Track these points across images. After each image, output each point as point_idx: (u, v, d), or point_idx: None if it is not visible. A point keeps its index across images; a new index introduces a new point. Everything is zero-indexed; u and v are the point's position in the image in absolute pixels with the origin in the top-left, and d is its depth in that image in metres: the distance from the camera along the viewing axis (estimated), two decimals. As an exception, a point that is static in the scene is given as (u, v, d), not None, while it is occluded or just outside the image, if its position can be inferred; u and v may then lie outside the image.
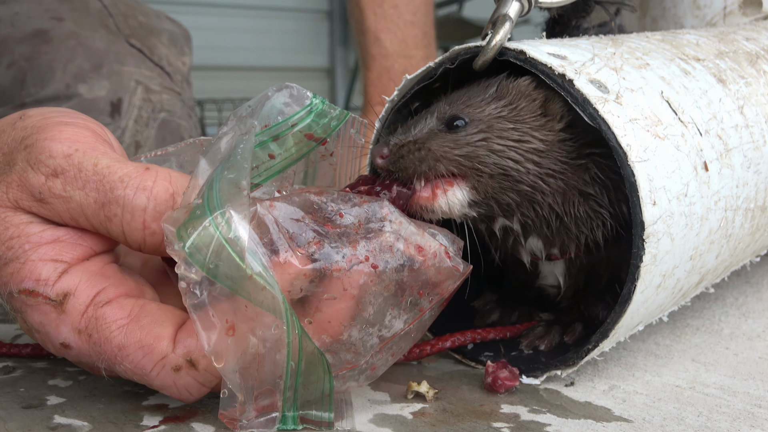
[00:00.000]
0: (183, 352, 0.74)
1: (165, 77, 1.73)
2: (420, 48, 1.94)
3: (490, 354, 0.95)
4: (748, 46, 1.10)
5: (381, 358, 0.78)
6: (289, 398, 0.75)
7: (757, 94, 0.99)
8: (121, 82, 1.63)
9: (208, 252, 0.69)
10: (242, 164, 0.74)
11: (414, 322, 0.78)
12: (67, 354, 0.78)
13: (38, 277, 0.76)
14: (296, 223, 0.74)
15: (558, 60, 0.82)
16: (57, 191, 0.76)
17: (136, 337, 0.74)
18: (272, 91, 0.81)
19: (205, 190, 0.72)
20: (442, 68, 0.88)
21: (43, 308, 0.76)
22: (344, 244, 0.74)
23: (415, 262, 0.76)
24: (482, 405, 0.84)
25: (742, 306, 1.19)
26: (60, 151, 0.77)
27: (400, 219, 0.77)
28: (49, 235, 0.77)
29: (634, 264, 0.79)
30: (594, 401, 0.85)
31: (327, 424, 0.78)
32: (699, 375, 0.92)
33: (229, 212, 0.70)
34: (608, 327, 0.84)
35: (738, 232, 0.94)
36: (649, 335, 1.05)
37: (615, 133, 0.78)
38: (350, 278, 0.73)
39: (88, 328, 0.75)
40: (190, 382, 0.75)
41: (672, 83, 0.89)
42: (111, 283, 0.78)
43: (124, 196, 0.75)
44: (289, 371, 0.72)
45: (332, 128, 0.84)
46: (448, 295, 0.79)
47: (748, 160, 0.93)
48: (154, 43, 1.74)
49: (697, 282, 0.94)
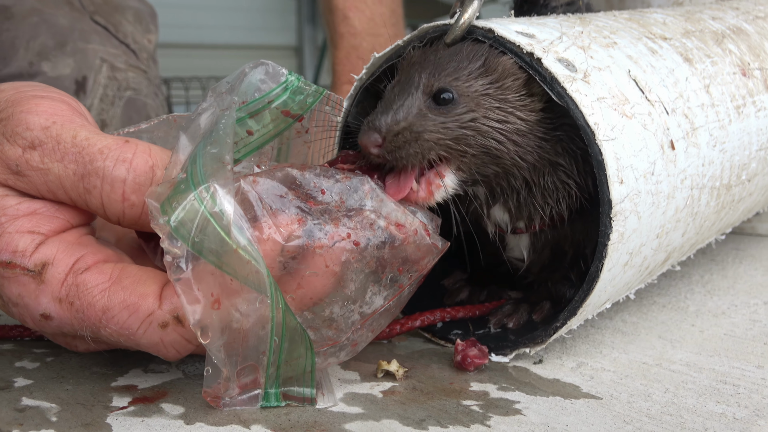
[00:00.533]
0: (170, 308, 0.74)
1: (130, 55, 1.71)
2: (388, 26, 1.94)
3: (459, 332, 0.96)
4: (714, 25, 1.11)
5: (362, 334, 0.79)
6: (272, 375, 0.75)
7: (722, 74, 1.00)
8: (86, 60, 1.61)
9: (193, 226, 0.70)
10: (225, 139, 0.74)
11: (393, 299, 0.79)
12: (48, 325, 0.78)
13: (15, 248, 0.75)
14: (279, 199, 0.74)
15: (526, 38, 0.83)
16: (35, 163, 0.76)
17: (119, 298, 0.74)
18: (249, 68, 0.82)
19: (188, 164, 0.73)
20: (410, 46, 0.88)
21: (22, 279, 0.76)
22: (326, 221, 0.75)
23: (396, 239, 0.77)
24: (452, 383, 0.85)
25: (707, 284, 1.21)
26: (37, 123, 0.77)
27: (381, 196, 0.78)
28: (26, 208, 0.77)
29: (602, 242, 0.80)
30: (562, 378, 0.86)
31: (309, 400, 0.78)
32: (665, 352, 0.93)
33: (214, 186, 0.70)
34: (576, 305, 0.85)
35: (704, 211, 0.95)
36: (617, 313, 1.06)
37: (583, 112, 0.79)
38: (332, 255, 0.74)
39: (69, 296, 0.75)
40: (177, 339, 0.75)
41: (639, 62, 0.89)
42: (89, 251, 0.78)
43: (104, 167, 0.75)
44: (273, 347, 0.73)
45: (308, 105, 0.84)
46: (426, 272, 0.80)
47: (713, 139, 0.94)
48: (119, 20, 1.72)
49: (664, 260, 0.95)
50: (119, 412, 0.77)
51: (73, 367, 0.88)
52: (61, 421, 0.75)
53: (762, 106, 1.05)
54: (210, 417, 0.76)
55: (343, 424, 0.75)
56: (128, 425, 0.75)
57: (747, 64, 1.07)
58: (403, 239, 0.77)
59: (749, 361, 0.90)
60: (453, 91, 0.84)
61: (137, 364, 0.88)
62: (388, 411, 0.78)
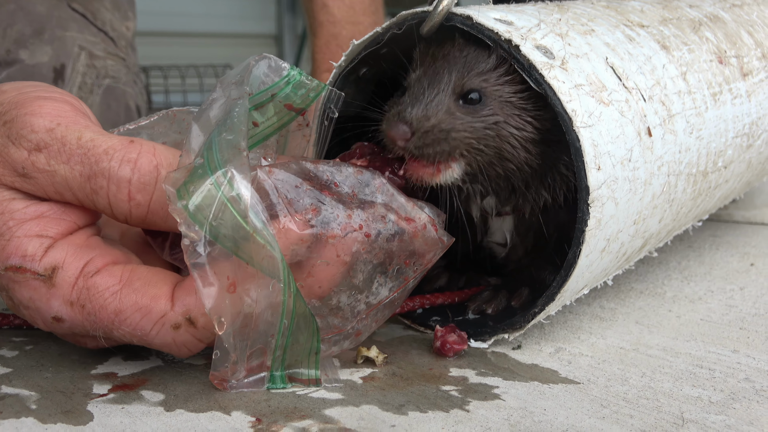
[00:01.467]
0: (182, 310, 0.75)
1: (109, 43, 1.70)
2: (368, 14, 1.94)
3: (438, 319, 0.96)
4: (691, 13, 1.12)
5: (366, 324, 0.82)
6: (278, 357, 0.77)
7: (699, 61, 1.01)
8: (64, 48, 1.60)
9: (210, 211, 0.71)
10: (239, 127, 0.75)
11: (398, 290, 0.81)
12: (59, 327, 0.79)
13: (24, 253, 0.76)
14: (295, 189, 0.76)
15: (504, 26, 0.83)
16: (41, 166, 0.76)
17: (131, 301, 0.75)
18: (254, 61, 0.83)
19: (203, 151, 0.74)
20: (389, 34, 0.88)
21: (32, 284, 0.76)
22: (340, 211, 0.77)
23: (406, 232, 0.79)
24: (431, 369, 0.85)
25: (684, 270, 1.22)
26: (42, 125, 0.77)
27: (392, 191, 0.81)
28: (33, 211, 0.78)
29: (579, 228, 0.81)
30: (541, 363, 0.87)
31: (315, 381, 0.80)
32: (642, 337, 0.94)
33: (231, 171, 0.72)
34: (554, 290, 0.85)
35: (680, 197, 0.96)
36: (595, 299, 1.07)
37: (560, 99, 0.79)
38: (344, 245, 0.76)
39: (80, 299, 0.76)
40: (189, 339, 0.77)
41: (617, 49, 0.90)
42: (97, 254, 0.78)
43: (110, 168, 0.76)
44: (282, 329, 0.74)
45: (310, 99, 0.86)
46: (430, 266, 0.83)
47: (690, 126, 0.94)
48: (97, 7, 1.70)
49: (641, 246, 0.96)
50: (99, 399, 0.77)
51: (52, 356, 0.88)
52: (41, 409, 0.75)
53: (738, 93, 1.06)
54: (190, 404, 0.76)
55: (323, 409, 0.75)
56: (108, 412, 0.75)
57: (724, 52, 1.07)
58: (413, 233, 0.80)
59: (725, 346, 0.91)
60: (481, 93, 0.87)
61: (117, 352, 0.88)
62: (367, 397, 0.78)
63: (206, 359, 0.87)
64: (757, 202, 1.53)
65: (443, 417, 0.74)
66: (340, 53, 0.93)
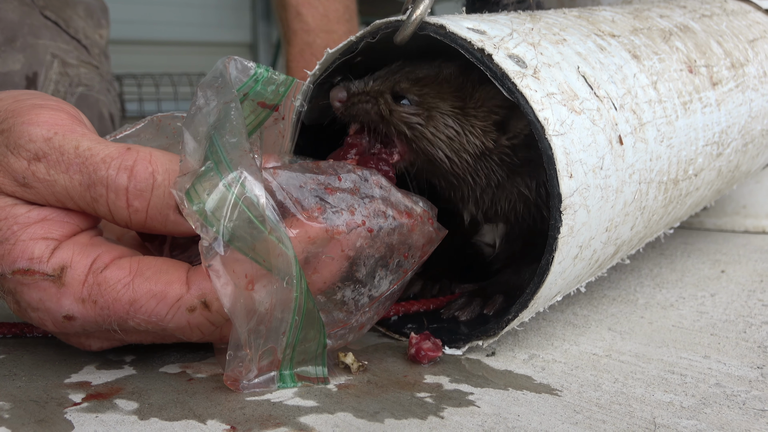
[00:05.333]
0: (198, 293, 0.77)
1: (82, 50, 1.69)
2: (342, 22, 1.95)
3: (413, 326, 0.97)
4: (661, 23, 1.13)
5: (369, 317, 0.85)
6: (287, 356, 0.79)
7: (669, 70, 1.03)
8: (37, 56, 1.59)
9: (224, 213, 0.73)
10: (239, 129, 0.78)
11: (398, 283, 0.84)
12: (70, 326, 0.80)
13: (31, 255, 0.77)
14: (299, 189, 0.79)
15: (477, 35, 0.84)
16: (41, 175, 0.78)
17: (145, 289, 0.77)
18: (222, 64, 0.85)
19: (210, 154, 0.76)
20: (363, 42, 0.88)
21: (42, 285, 0.77)
22: (343, 209, 0.79)
23: (404, 226, 0.83)
24: (406, 376, 0.86)
25: (656, 277, 1.23)
26: (39, 134, 0.78)
27: (389, 186, 0.84)
28: (36, 215, 0.79)
29: (552, 235, 0.82)
30: (514, 370, 0.88)
31: (323, 379, 0.83)
32: (615, 343, 0.95)
33: (243, 173, 0.74)
34: (527, 297, 0.86)
35: (652, 205, 0.97)
36: (568, 306, 1.08)
37: (532, 107, 0.80)
38: (349, 241, 0.79)
39: (92, 295, 0.77)
40: (203, 322, 0.79)
41: (588, 59, 0.91)
42: (104, 250, 0.80)
43: (107, 176, 0.77)
44: (293, 326, 0.77)
45: (281, 94, 0.89)
46: (426, 258, 0.86)
47: (661, 135, 0.96)
48: (69, 15, 1.70)
49: (613, 253, 0.97)
50: (73, 408, 0.77)
51: (25, 365, 0.87)
52: (14, 418, 0.75)
53: (708, 102, 1.07)
54: (164, 412, 0.76)
55: (297, 417, 0.76)
56: (82, 421, 0.74)
57: (693, 62, 1.09)
58: (410, 226, 0.83)
59: (696, 352, 0.92)
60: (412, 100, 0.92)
61: (91, 360, 0.88)
62: (342, 404, 0.79)
63: (181, 367, 0.87)
64: (728, 209, 1.55)
65: (418, 424, 0.74)
66: (314, 61, 0.94)
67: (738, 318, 1.04)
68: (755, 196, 1.54)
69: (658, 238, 1.20)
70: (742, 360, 0.90)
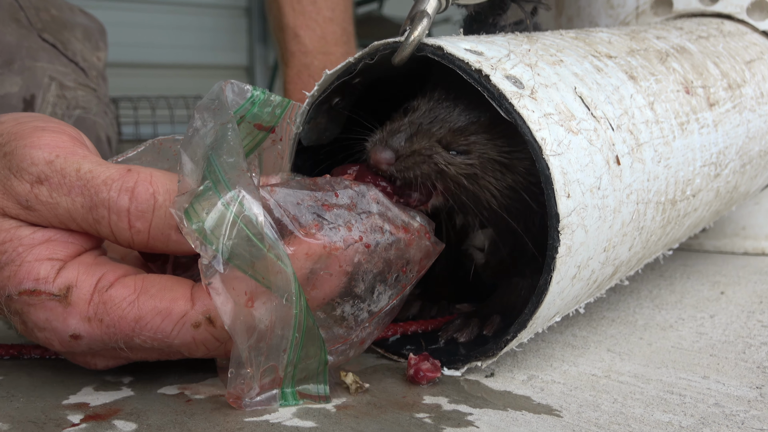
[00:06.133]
0: (202, 309, 0.79)
1: (80, 73, 1.71)
2: (339, 45, 1.96)
3: (412, 347, 0.97)
4: (658, 44, 1.15)
5: (369, 332, 0.86)
6: (289, 374, 0.80)
7: (666, 91, 1.04)
8: (34, 79, 1.61)
9: (223, 231, 0.74)
10: (237, 149, 0.79)
11: (397, 297, 0.85)
12: (77, 345, 0.81)
13: (37, 276, 0.79)
14: (296, 206, 0.80)
15: (475, 56, 0.85)
16: (44, 198, 0.79)
17: (150, 306, 0.79)
18: (219, 87, 0.86)
19: (207, 174, 0.77)
20: (361, 63, 0.90)
21: (48, 305, 0.79)
22: (340, 225, 0.81)
23: (402, 241, 0.84)
24: (405, 397, 0.86)
25: (655, 298, 1.24)
26: (41, 157, 0.80)
27: (385, 201, 0.85)
28: (41, 236, 0.80)
29: (550, 255, 0.82)
30: (513, 390, 0.88)
31: (324, 398, 0.84)
32: (614, 364, 0.96)
33: (242, 192, 0.75)
34: (526, 318, 0.87)
35: (650, 225, 0.98)
36: (567, 327, 1.09)
37: (530, 128, 0.81)
38: (346, 257, 0.80)
39: (98, 313, 0.79)
40: (208, 338, 0.80)
41: (585, 79, 0.93)
42: (108, 269, 0.81)
43: (109, 198, 0.79)
44: (293, 344, 0.78)
45: (278, 115, 0.91)
46: (424, 272, 0.87)
47: (658, 155, 0.97)
48: (67, 37, 1.72)
49: (611, 273, 0.98)
50: (71, 429, 0.77)
51: (23, 386, 0.88)
52: (11, 440, 0.75)
53: (705, 123, 1.09)
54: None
55: (296, 437, 0.76)
56: (80, 442, 0.75)
57: (690, 82, 1.10)
58: (408, 241, 0.84)
59: (695, 372, 0.93)
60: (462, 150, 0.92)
61: (89, 382, 0.88)
62: (341, 425, 0.79)
63: (180, 388, 0.87)
64: (727, 231, 1.56)
65: (416, 444, 0.75)
66: (312, 83, 0.95)
67: (737, 339, 1.05)
68: (754, 217, 1.55)
69: (657, 259, 1.21)
70: (742, 380, 0.91)
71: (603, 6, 1.52)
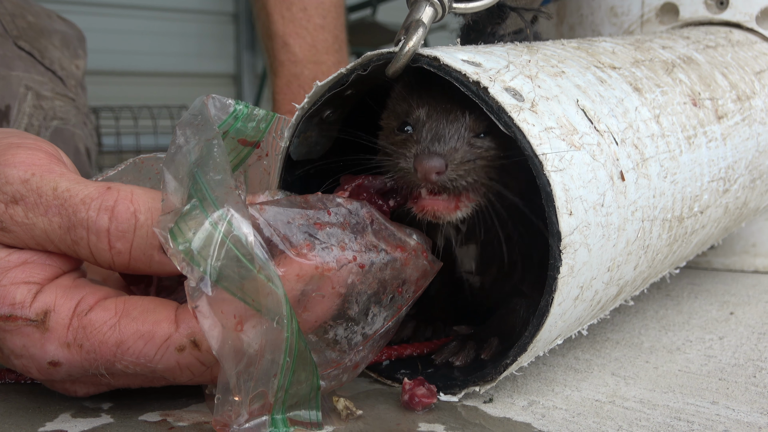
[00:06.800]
0: (187, 332, 0.78)
1: (57, 82, 1.70)
2: (331, 53, 1.96)
3: (406, 371, 0.97)
4: (664, 54, 1.15)
5: (363, 356, 0.86)
6: (279, 399, 0.79)
7: (672, 103, 1.04)
8: (9, 88, 1.60)
9: (211, 252, 0.74)
10: (224, 166, 0.79)
11: (393, 319, 0.86)
12: (56, 372, 0.80)
13: (13, 301, 0.78)
14: (287, 225, 0.80)
15: (472, 67, 0.85)
16: (19, 219, 0.79)
17: (132, 329, 0.78)
18: (201, 101, 0.87)
19: (193, 192, 0.77)
20: (354, 75, 0.90)
21: (25, 330, 0.78)
22: (333, 244, 0.80)
23: (397, 260, 0.84)
24: (399, 424, 0.86)
25: (662, 319, 1.24)
26: (16, 176, 0.79)
27: (381, 219, 0.85)
28: (16, 259, 0.80)
29: (551, 275, 0.82)
30: (513, 417, 0.88)
31: (317, 424, 0.83)
32: (619, 389, 0.96)
33: (230, 211, 0.75)
34: (526, 341, 0.87)
35: (656, 243, 0.99)
36: (569, 350, 1.09)
37: (530, 143, 0.81)
38: (339, 278, 0.80)
39: (77, 339, 0.78)
40: (193, 362, 0.79)
41: (588, 91, 0.93)
42: (88, 292, 0.81)
43: (88, 218, 0.78)
44: (284, 368, 0.77)
45: (262, 130, 0.91)
46: (421, 292, 0.87)
47: (664, 170, 0.97)
48: (45, 45, 1.71)
49: (616, 294, 0.98)
50: (47, 459, 0.77)
51: (-4, 413, 0.87)
52: (-16, 470, 0.75)
53: (713, 136, 1.09)
54: (144, 463, 0.77)
55: (285, 467, 0.76)
56: (57, 473, 0.75)
57: (698, 94, 1.11)
58: (404, 260, 0.84)
59: (704, 397, 0.93)
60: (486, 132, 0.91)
61: (66, 408, 0.88)
62: (332, 454, 0.79)
63: (162, 415, 0.87)
64: (737, 248, 1.56)
65: (411, 474, 0.75)
66: (301, 93, 0.95)
67: (747, 362, 1.05)
68: (765, 234, 1.55)
69: (664, 278, 1.21)
70: (752, 406, 0.91)
71: (606, 14, 1.52)
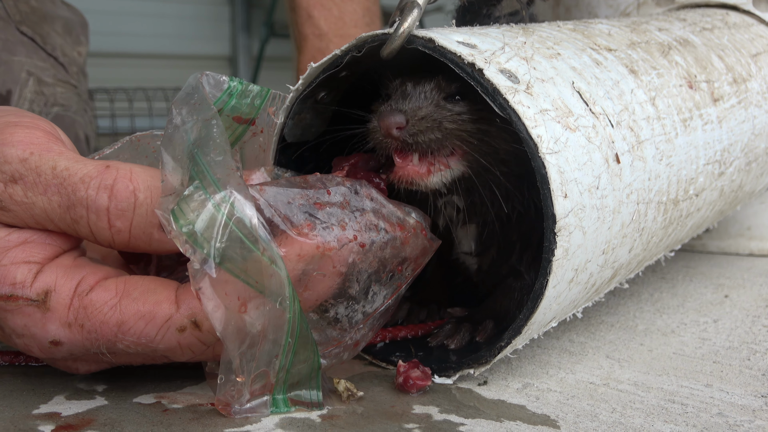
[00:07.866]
0: (187, 312, 0.78)
1: (59, 69, 1.69)
2: (360, 26, 1.85)
3: (401, 354, 0.97)
4: (660, 36, 1.15)
5: (364, 333, 0.86)
6: (281, 379, 0.80)
7: (668, 86, 1.04)
8: (11, 73, 1.59)
9: (214, 233, 0.74)
10: (224, 146, 0.79)
11: (392, 297, 0.86)
12: (57, 351, 0.81)
13: (14, 280, 0.78)
14: (287, 205, 0.80)
15: (468, 49, 0.85)
16: (18, 198, 0.79)
17: (133, 310, 0.78)
18: (195, 79, 0.86)
19: (194, 174, 0.77)
20: (348, 56, 0.89)
21: (26, 310, 0.78)
22: (333, 224, 0.81)
23: (397, 239, 0.84)
24: (393, 406, 0.86)
25: (657, 302, 1.24)
26: (15, 155, 0.79)
27: (380, 198, 0.85)
28: (16, 238, 0.80)
29: (546, 258, 0.82)
30: (507, 399, 0.88)
31: (317, 404, 0.84)
32: (613, 371, 0.96)
33: (233, 193, 0.75)
34: (521, 323, 0.87)
35: (651, 226, 0.99)
36: (564, 332, 1.09)
37: (525, 125, 0.81)
38: (340, 257, 0.80)
39: (78, 318, 0.79)
40: (194, 342, 0.80)
41: (583, 74, 0.93)
42: (88, 272, 0.81)
43: (87, 196, 0.78)
44: (286, 349, 0.78)
45: (257, 106, 0.91)
46: (420, 270, 0.88)
47: (660, 153, 0.97)
48: (47, 31, 1.70)
49: (611, 277, 0.98)
50: (41, 440, 0.77)
51: (-10, 395, 0.88)
52: (-21, 452, 0.75)
53: (709, 119, 1.09)
54: (138, 445, 0.77)
55: (279, 449, 0.76)
56: (51, 455, 0.75)
57: (694, 77, 1.11)
58: (404, 239, 0.85)
59: (698, 380, 0.93)
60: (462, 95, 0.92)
61: (60, 390, 0.88)
62: (326, 436, 0.79)
63: (156, 397, 0.87)
64: (732, 231, 1.57)
65: (405, 456, 0.75)
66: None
67: (742, 345, 1.05)
68: (760, 217, 1.56)
69: (659, 261, 1.21)
70: (746, 388, 0.91)
71: (602, -4, 1.52)
